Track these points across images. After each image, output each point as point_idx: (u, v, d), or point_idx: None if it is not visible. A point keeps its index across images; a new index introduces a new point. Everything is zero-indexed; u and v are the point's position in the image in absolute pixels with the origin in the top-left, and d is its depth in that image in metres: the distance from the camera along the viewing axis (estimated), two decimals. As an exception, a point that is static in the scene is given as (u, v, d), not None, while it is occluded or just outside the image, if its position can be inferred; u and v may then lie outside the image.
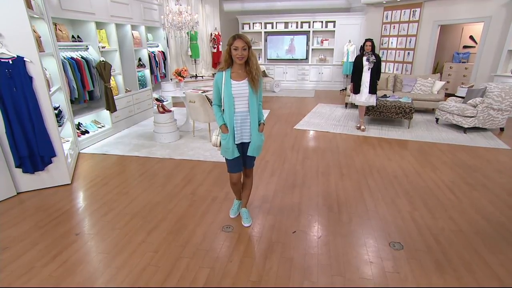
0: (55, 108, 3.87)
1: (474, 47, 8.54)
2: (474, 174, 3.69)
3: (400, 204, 3.03)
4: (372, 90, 5.22)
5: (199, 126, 5.66)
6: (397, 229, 2.62)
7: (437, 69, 8.92)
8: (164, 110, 5.00)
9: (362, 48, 5.19)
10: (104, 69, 4.83)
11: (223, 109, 2.41)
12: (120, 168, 4.02)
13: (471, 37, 8.61)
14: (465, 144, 4.76)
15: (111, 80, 5.08)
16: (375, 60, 5.07)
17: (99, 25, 5.08)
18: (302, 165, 4.01)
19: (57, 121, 3.70)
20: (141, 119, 6.23)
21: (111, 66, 5.04)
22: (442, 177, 3.62)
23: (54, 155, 3.35)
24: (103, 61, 4.82)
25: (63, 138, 4.16)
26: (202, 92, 5.21)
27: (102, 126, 5.24)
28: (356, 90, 5.37)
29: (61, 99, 4.15)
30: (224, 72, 2.33)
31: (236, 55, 2.24)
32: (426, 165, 3.99)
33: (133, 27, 5.93)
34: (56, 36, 4.12)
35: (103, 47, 5.06)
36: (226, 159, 2.54)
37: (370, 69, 5.12)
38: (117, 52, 5.39)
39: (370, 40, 5.12)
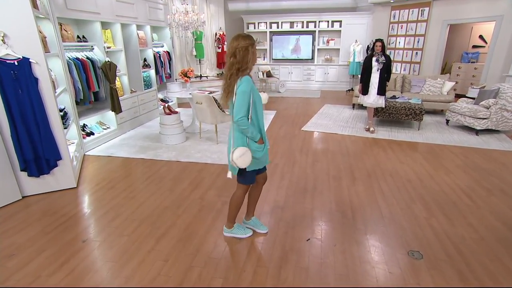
0: (61, 110, 3.79)
1: (484, 46, 8.41)
2: (490, 178, 3.58)
3: (416, 210, 2.93)
4: (381, 91, 5.13)
5: (206, 127, 5.57)
6: (415, 237, 2.52)
7: (445, 69, 8.79)
8: (171, 112, 4.92)
9: (371, 49, 5.09)
10: (109, 70, 4.76)
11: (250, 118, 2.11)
12: (126, 171, 3.94)
13: (481, 37, 8.47)
14: (477, 147, 4.64)
15: (116, 81, 5.01)
16: (384, 61, 4.96)
17: (105, 25, 5.01)
18: (312, 169, 3.92)
19: (63, 123, 3.62)
20: (146, 120, 6.15)
21: (117, 66, 4.96)
22: (457, 181, 3.52)
23: (59, 158, 3.28)
24: (108, 61, 4.75)
25: (68, 140, 4.09)
26: (208, 93, 5.13)
27: (107, 128, 5.17)
28: (365, 91, 5.29)
29: (67, 101, 4.08)
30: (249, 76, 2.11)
31: (256, 57, 2.13)
32: (439, 168, 3.88)
33: (139, 27, 5.85)
34: (61, 37, 4.05)
35: (108, 47, 4.99)
36: (247, 172, 2.25)
37: (379, 70, 5.02)
38: (122, 52, 5.33)
39: (380, 40, 5.03)
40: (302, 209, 2.97)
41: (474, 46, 8.66)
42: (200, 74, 9.40)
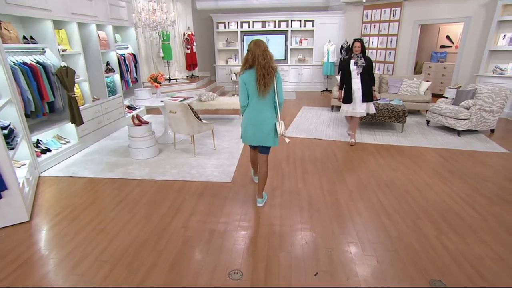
0: (4, 127, 3.16)
1: (451, 46, 8.65)
2: (485, 184, 3.48)
3: (423, 227, 2.71)
4: (366, 97, 4.56)
5: (180, 136, 5.08)
6: (431, 262, 2.28)
7: (416, 68, 8.93)
8: (140, 122, 4.38)
9: (346, 50, 4.74)
10: (66, 76, 4.12)
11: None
12: (92, 195, 3.37)
13: (448, 37, 8.70)
14: (463, 149, 4.60)
15: (75, 88, 4.37)
16: (364, 64, 4.42)
17: (58, 24, 4.34)
18: (304, 182, 3.60)
19: (8, 143, 3.01)
20: (112, 131, 5.52)
21: (75, 72, 4.32)
22: (455, 189, 3.38)
23: (4, 188, 2.67)
24: (64, 66, 4.11)
25: (17, 161, 3.45)
26: (182, 100, 4.66)
27: (67, 142, 4.51)
28: (347, 99, 4.66)
29: (13, 115, 3.42)
30: None
31: None
32: (433, 175, 3.74)
33: (99, 27, 5.21)
34: (1, 37, 3.38)
35: (63, 50, 4.33)
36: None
37: (359, 74, 4.47)
38: (81, 55, 4.67)
39: (359, 40, 4.46)
40: (302, 234, 2.64)
41: (442, 46, 8.88)
42: (169, 77, 8.80)
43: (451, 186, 3.45)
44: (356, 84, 4.55)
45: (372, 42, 8.60)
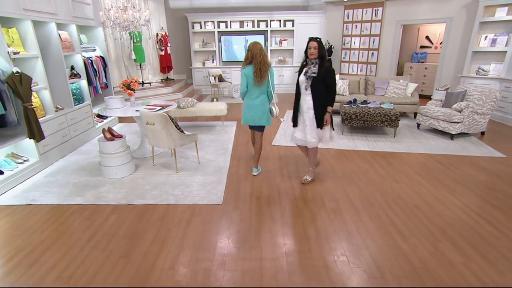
0: None
1: (430, 47, 8.66)
2: (495, 195, 3.28)
3: (446, 252, 2.42)
4: (318, 122, 3.26)
5: (159, 149, 4.55)
6: (467, 298, 1.98)
7: (397, 68, 8.88)
8: (113, 136, 3.82)
9: (328, 51, 3.60)
10: (20, 84, 3.49)
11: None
12: (57, 229, 2.80)
13: (427, 37, 8.71)
14: (459, 154, 4.44)
15: (32, 98, 3.74)
16: (314, 74, 3.09)
17: (6, 22, 3.65)
18: (303, 199, 3.23)
19: None
20: (80, 144, 4.87)
21: (32, 78, 3.69)
22: (465, 202, 3.14)
23: None
24: (17, 72, 3.48)
25: (-41, 192, 2.81)
26: (160, 109, 4.16)
27: (25, 161, 3.86)
28: (294, 119, 3.49)
29: (-49, 135, 2.78)
30: None
31: None
32: (439, 186, 3.50)
33: (60, 26, 4.56)
34: None
35: (15, 53, 3.67)
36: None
37: (308, 89, 3.17)
38: (38, 59, 4.01)
39: (316, 39, 3.12)
40: (314, 268, 2.26)
41: (422, 47, 8.89)
42: (142, 81, 8.16)
43: (460, 198, 3.21)
44: (306, 102, 3.25)
45: (354, 42, 8.43)
